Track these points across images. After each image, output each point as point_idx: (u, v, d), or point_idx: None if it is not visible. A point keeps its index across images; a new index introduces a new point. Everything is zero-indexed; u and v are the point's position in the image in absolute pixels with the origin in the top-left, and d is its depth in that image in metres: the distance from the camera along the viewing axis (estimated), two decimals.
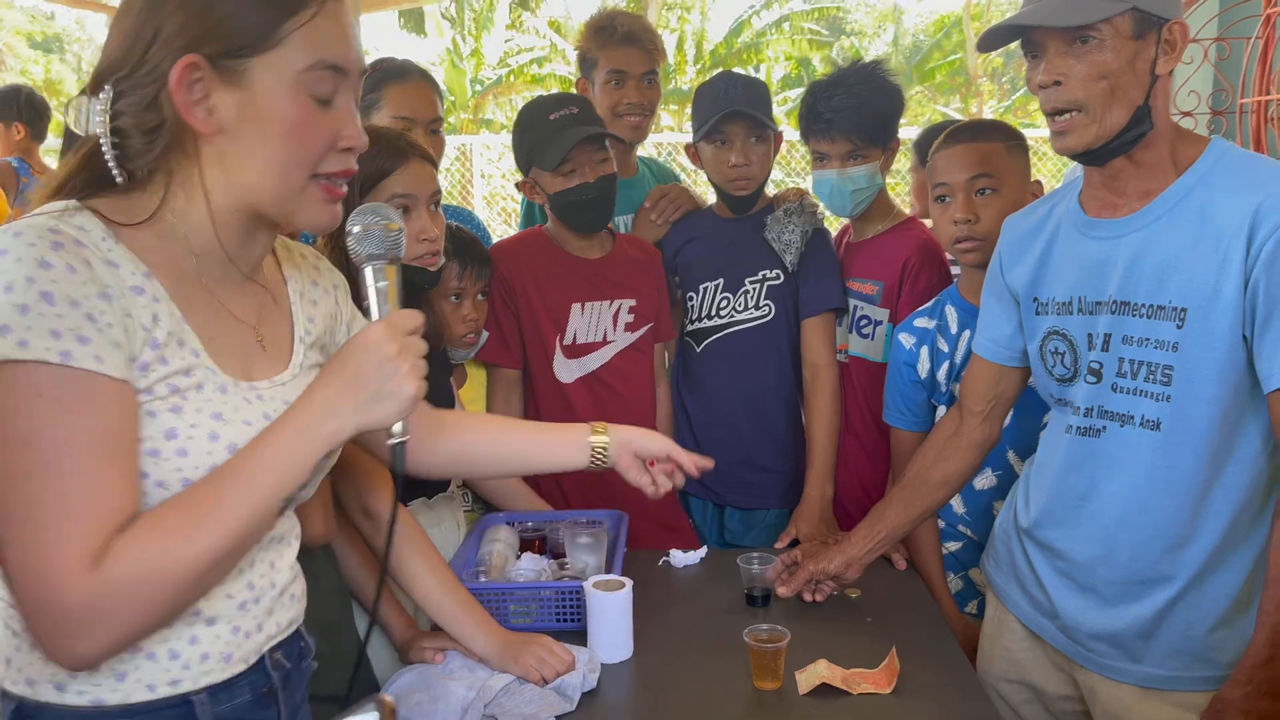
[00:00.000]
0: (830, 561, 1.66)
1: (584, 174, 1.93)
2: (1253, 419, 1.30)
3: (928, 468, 1.64)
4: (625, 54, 2.31)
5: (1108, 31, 1.25)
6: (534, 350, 2.03)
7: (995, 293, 1.57)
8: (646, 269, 2.11)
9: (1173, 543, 1.35)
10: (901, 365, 1.87)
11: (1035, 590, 1.52)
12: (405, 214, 1.59)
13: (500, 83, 14.27)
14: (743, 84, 2.07)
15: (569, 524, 1.83)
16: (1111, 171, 1.35)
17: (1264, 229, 1.22)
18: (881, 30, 18.23)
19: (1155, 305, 1.31)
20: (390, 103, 2.12)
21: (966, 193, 1.72)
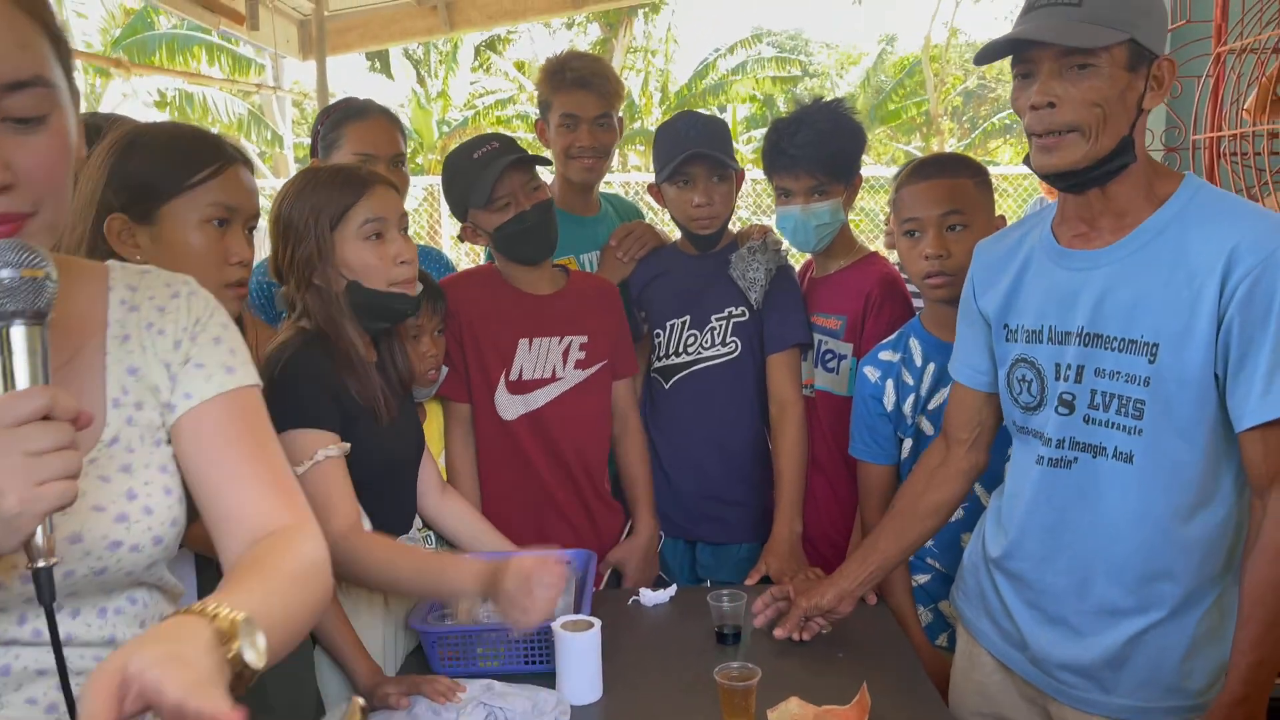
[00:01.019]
0: (823, 596, 1.64)
1: (519, 203, 1.92)
2: (1225, 457, 1.31)
3: (917, 497, 1.64)
4: (578, 97, 2.32)
5: (1105, 59, 1.26)
6: (478, 386, 2.00)
7: (969, 319, 1.58)
8: (602, 305, 2.08)
9: (1144, 575, 1.35)
10: (867, 398, 1.88)
11: (1005, 622, 1.52)
12: (379, 239, 1.58)
13: (467, 124, 14.34)
14: (703, 123, 2.09)
15: None
16: (1087, 201, 1.36)
17: (1239, 269, 1.24)
18: (844, 72, 18.54)
19: (1127, 339, 1.32)
20: (351, 140, 2.13)
21: (938, 228, 1.73)
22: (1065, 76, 1.27)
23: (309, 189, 1.59)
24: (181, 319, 0.97)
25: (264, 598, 0.83)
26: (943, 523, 1.67)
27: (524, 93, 14.88)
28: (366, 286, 1.58)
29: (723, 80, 15.58)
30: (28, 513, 0.71)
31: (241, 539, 0.94)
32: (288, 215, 1.59)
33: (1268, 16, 3.41)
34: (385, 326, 1.65)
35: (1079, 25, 1.25)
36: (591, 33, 16.12)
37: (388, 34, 6.65)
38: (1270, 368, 1.23)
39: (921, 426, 1.83)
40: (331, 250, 1.57)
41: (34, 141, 0.81)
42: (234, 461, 0.96)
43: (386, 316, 1.63)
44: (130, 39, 10.60)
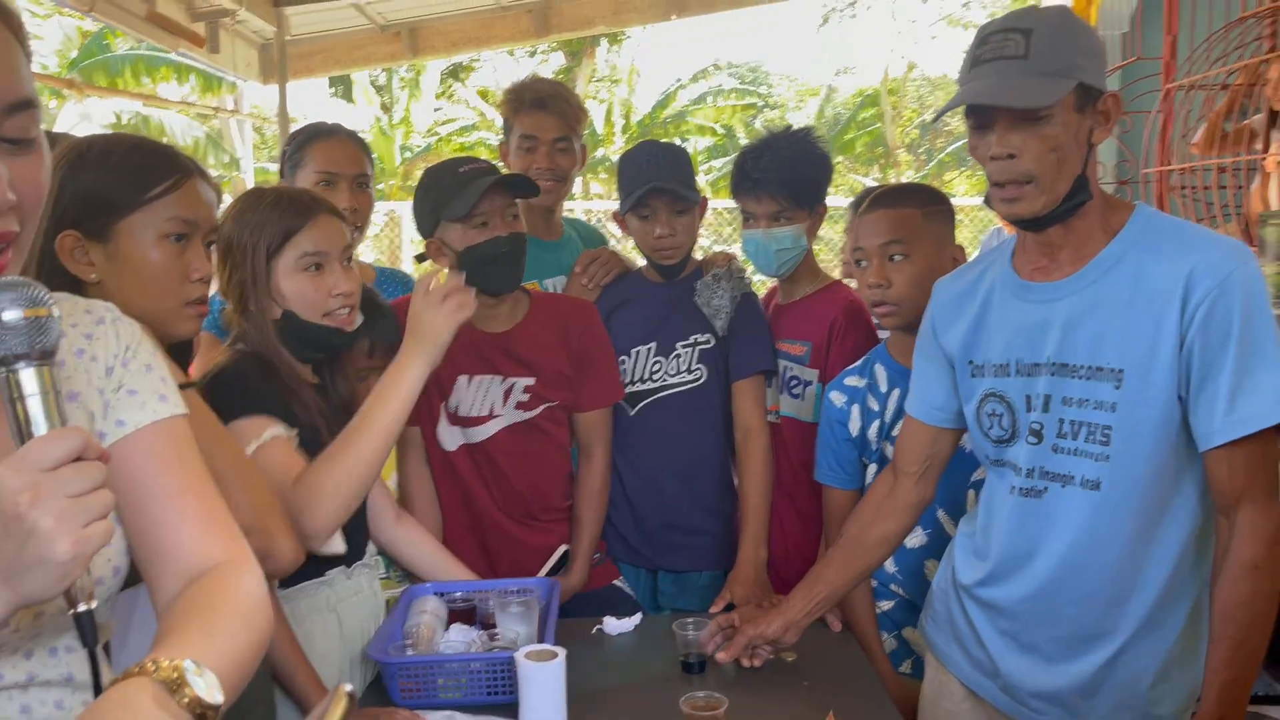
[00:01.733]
0: (769, 625, 1.63)
1: (496, 226, 1.85)
2: (1189, 477, 1.34)
3: (864, 528, 1.64)
4: (537, 119, 2.32)
5: (1057, 107, 1.29)
6: (423, 413, 1.96)
7: (928, 356, 1.59)
8: (564, 336, 2.00)
9: (1113, 599, 1.37)
10: (833, 423, 1.89)
11: (976, 649, 1.52)
12: (318, 270, 1.56)
13: (429, 150, 14.32)
14: (663, 154, 2.10)
15: (499, 593, 1.78)
16: (1047, 237, 1.39)
17: (1198, 293, 1.27)
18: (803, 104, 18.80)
19: (1094, 367, 1.34)
20: (314, 159, 2.12)
21: (880, 258, 1.75)
22: (1022, 127, 1.30)
23: (250, 212, 1.57)
24: (112, 345, 0.95)
25: (205, 641, 0.81)
26: (890, 553, 1.68)
27: (487, 122, 14.90)
28: (300, 318, 1.56)
29: (684, 110, 15.73)
30: (79, 556, 0.71)
31: (177, 577, 0.91)
32: (229, 236, 1.56)
33: (1215, 54, 3.52)
34: (320, 357, 1.62)
35: (1029, 80, 1.27)
36: (555, 61, 16.21)
37: (350, 59, 6.64)
38: (1232, 388, 1.26)
39: (886, 452, 1.84)
40: (267, 278, 1.55)
41: (25, 162, 0.80)
42: (168, 494, 0.93)
43: (320, 349, 1.61)
44: (90, 60, 10.46)
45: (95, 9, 4.40)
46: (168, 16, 4.81)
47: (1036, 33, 1.28)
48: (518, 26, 6.70)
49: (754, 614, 1.69)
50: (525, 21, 6.68)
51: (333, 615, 1.62)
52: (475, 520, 2.00)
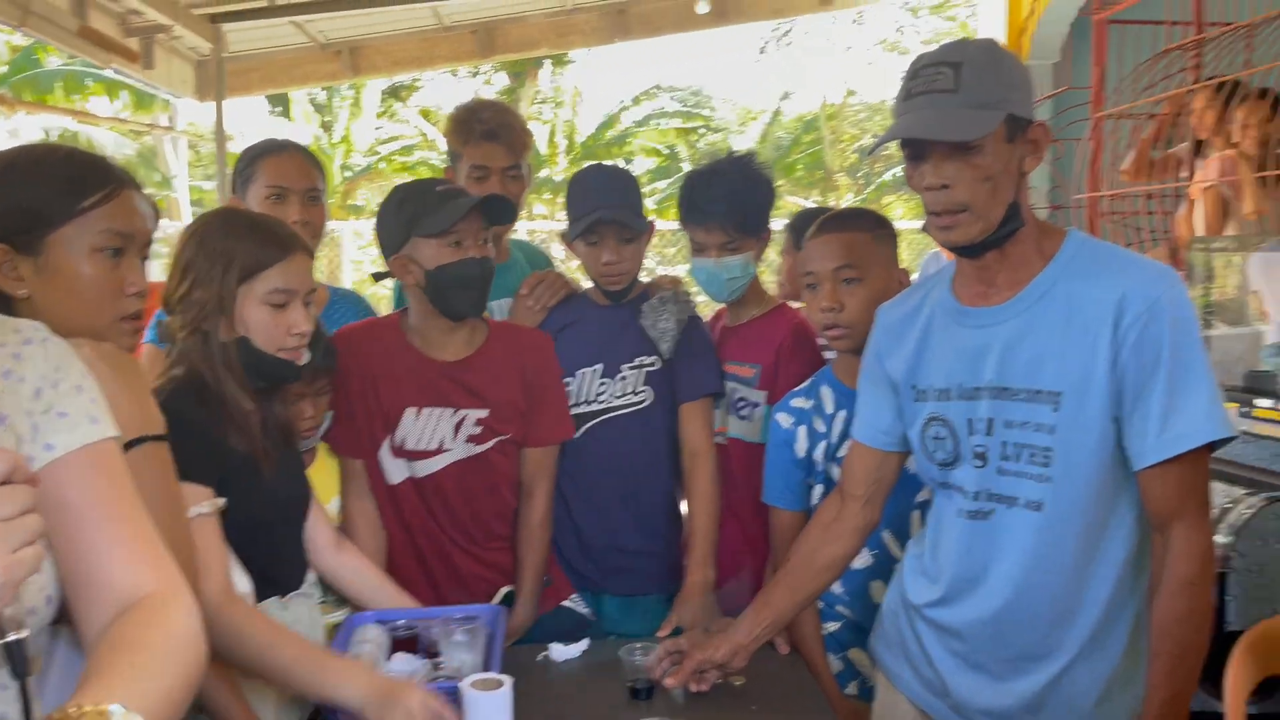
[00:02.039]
0: (717, 650, 1.63)
1: (470, 248, 1.83)
2: (1125, 496, 1.37)
3: (812, 552, 1.65)
4: (487, 150, 2.30)
5: (988, 138, 1.32)
6: (366, 446, 1.92)
7: (873, 380, 1.60)
8: (520, 368, 1.96)
9: (1058, 618, 1.39)
10: (780, 445, 1.89)
11: (926, 669, 1.53)
12: (279, 309, 1.53)
13: (370, 170, 14.19)
14: (611, 180, 2.10)
15: (443, 621, 1.74)
16: (984, 263, 1.42)
17: (1129, 316, 1.30)
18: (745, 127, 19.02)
19: (1032, 390, 1.37)
20: (264, 174, 2.09)
21: (832, 282, 1.76)
22: (954, 159, 1.33)
23: (225, 233, 1.53)
24: (40, 365, 0.92)
25: (134, 682, 0.79)
26: (837, 577, 1.69)
27: (428, 142, 14.82)
28: (255, 346, 1.53)
29: (627, 132, 15.81)
30: (9, 583, 0.69)
31: (107, 608, 0.88)
32: (194, 254, 1.52)
33: (1141, 85, 3.64)
34: (262, 386, 1.59)
35: (959, 113, 1.30)
36: (498, 82, 16.18)
37: (289, 78, 6.57)
38: (1164, 408, 1.29)
39: (831, 473, 1.85)
40: (233, 304, 1.51)
41: None
42: (98, 520, 0.90)
43: (266, 378, 1.57)
44: (19, 76, 10.19)
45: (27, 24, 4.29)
46: (101, 32, 4.72)
47: (966, 66, 1.32)
48: (461, 47, 6.69)
49: (702, 638, 1.68)
50: (469, 42, 6.67)
51: None
52: (420, 551, 1.96)
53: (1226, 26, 3.21)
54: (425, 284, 1.85)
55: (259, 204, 2.06)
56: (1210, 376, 1.31)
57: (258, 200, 2.08)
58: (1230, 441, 1.32)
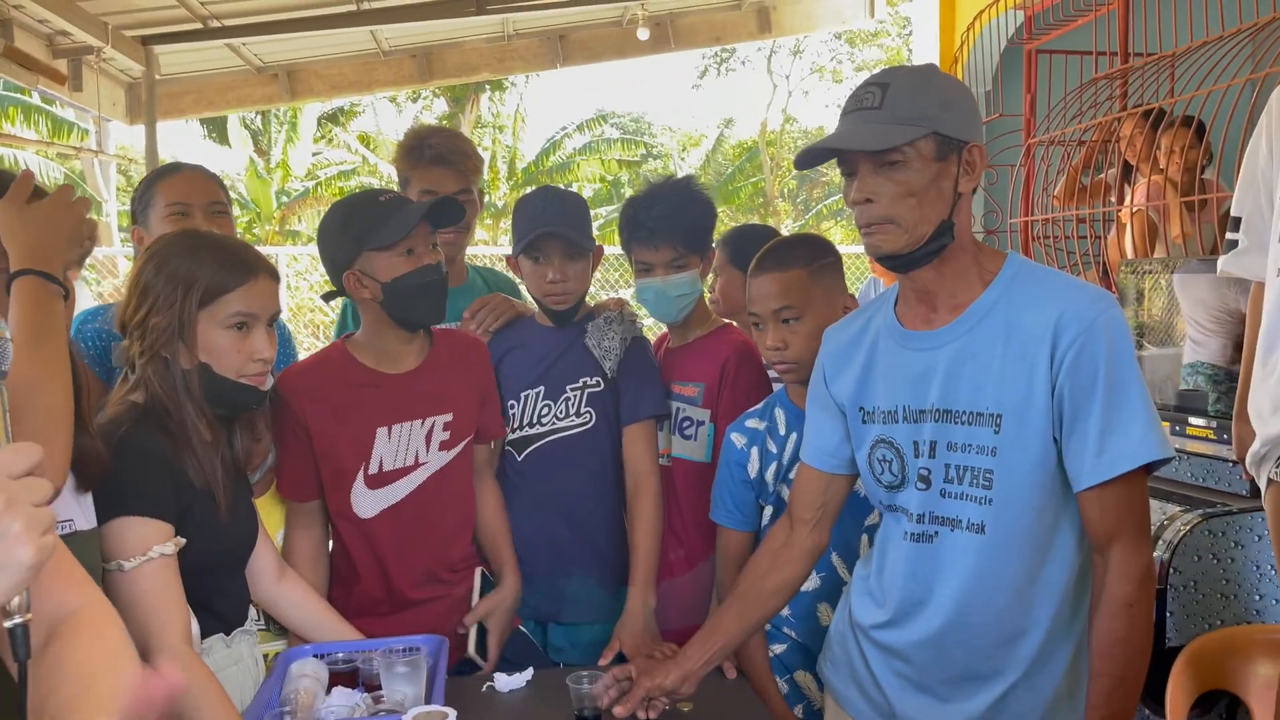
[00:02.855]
0: (666, 677, 1.60)
1: (423, 255, 1.80)
2: (1066, 517, 1.38)
3: (761, 577, 1.64)
4: (436, 174, 2.29)
5: (912, 154, 1.34)
6: (331, 483, 1.86)
7: (820, 403, 1.61)
8: (467, 368, 1.96)
9: (1002, 639, 1.39)
10: (732, 465, 1.89)
11: (873, 691, 1.53)
12: (243, 330, 1.48)
13: (308, 195, 14.01)
14: (559, 200, 2.09)
15: (383, 653, 1.69)
16: (922, 283, 1.43)
17: (1065, 339, 1.32)
18: (686, 154, 19.20)
19: (974, 412, 1.38)
20: (163, 194, 2.02)
21: (774, 322, 1.77)
22: (880, 173, 1.35)
23: (186, 256, 1.48)
24: None
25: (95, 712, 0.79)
26: (786, 601, 1.68)
27: (369, 165, 14.69)
28: (216, 372, 1.48)
29: (569, 159, 15.86)
30: (39, 564, 0.72)
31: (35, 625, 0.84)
32: (152, 277, 1.47)
33: (1071, 112, 3.74)
34: (222, 414, 1.54)
35: (879, 127, 1.34)
36: (438, 107, 16.14)
37: (224, 100, 6.46)
38: (1101, 431, 1.30)
39: (782, 494, 1.85)
40: (193, 329, 1.46)
41: None
42: None
43: (229, 406, 1.53)
44: None
45: None
46: (26, 52, 4.59)
47: (893, 87, 1.35)
48: (400, 71, 6.64)
49: (650, 665, 1.66)
50: (408, 66, 6.63)
51: None
52: (389, 589, 1.90)
53: (1150, 57, 3.31)
54: (383, 297, 1.81)
55: (160, 226, 1.97)
56: (1146, 398, 1.33)
57: (159, 222, 1.99)
58: (1168, 462, 1.34)
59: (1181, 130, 3.07)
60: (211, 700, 1.34)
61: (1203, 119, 2.99)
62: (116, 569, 1.35)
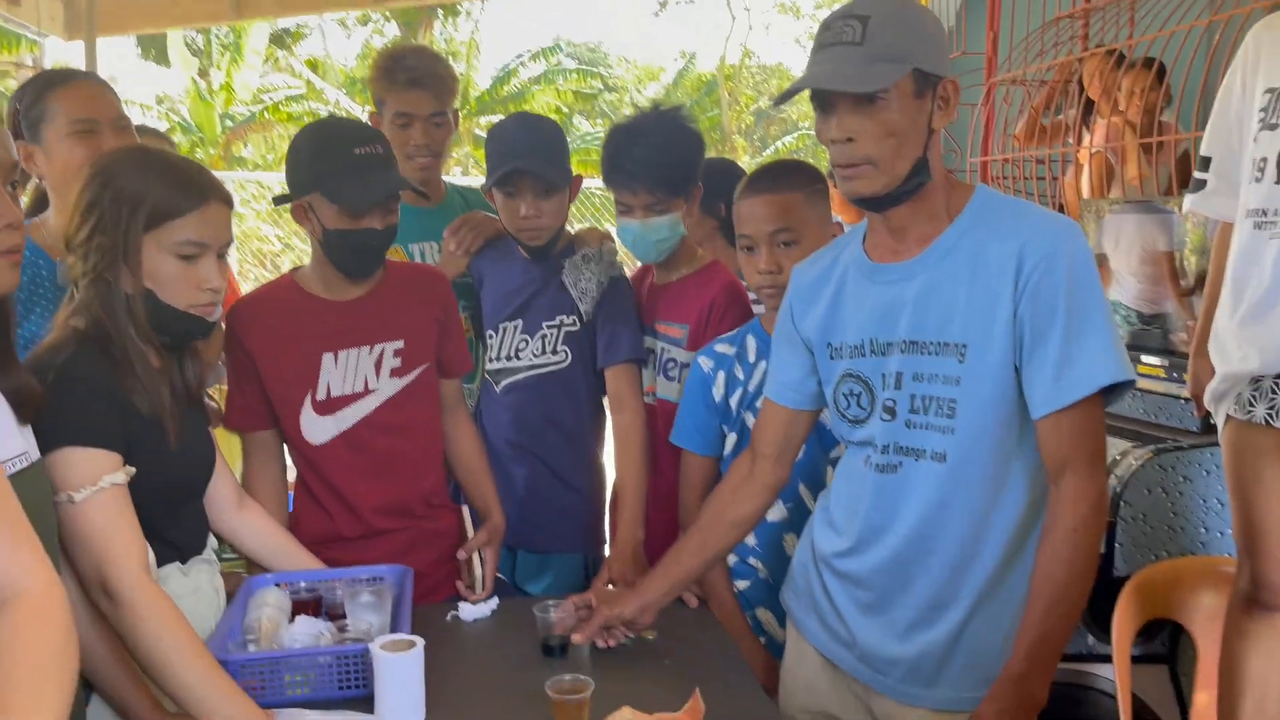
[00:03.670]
0: (626, 606, 1.62)
1: (374, 219, 1.76)
2: (1025, 445, 1.40)
3: (722, 510, 1.65)
4: (411, 97, 2.25)
5: (894, 93, 1.32)
6: (281, 411, 1.84)
7: (786, 340, 1.61)
8: (422, 299, 1.91)
9: (959, 566, 1.42)
10: (697, 386, 1.89)
11: (834, 620, 1.55)
12: (193, 260, 1.43)
13: (254, 120, 13.59)
14: (534, 130, 2.02)
15: (347, 582, 1.69)
16: (894, 219, 1.43)
17: (1027, 266, 1.33)
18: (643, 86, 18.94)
19: (941, 342, 1.39)
20: (63, 109, 1.83)
21: (769, 245, 1.75)
22: (860, 111, 1.33)
23: (136, 173, 1.41)
24: None
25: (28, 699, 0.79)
26: (746, 534, 1.70)
27: (315, 91, 14.25)
28: (162, 300, 1.43)
29: (524, 88, 15.55)
30: None
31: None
32: (98, 194, 1.40)
33: (1033, 52, 3.73)
34: (168, 342, 1.49)
35: (862, 65, 1.31)
36: (389, 32, 15.68)
37: (168, 17, 6.19)
38: (1060, 358, 1.32)
39: (746, 421, 1.85)
40: (138, 253, 1.40)
41: None
42: None
43: (174, 335, 1.48)
44: None
45: None
46: None
47: (873, 20, 1.32)
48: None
49: (610, 594, 1.68)
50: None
51: None
52: (349, 524, 1.87)
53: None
54: (322, 240, 1.78)
55: (63, 144, 1.81)
56: (1109, 323, 1.34)
57: (60, 140, 1.82)
58: (1130, 386, 1.36)
59: (1142, 72, 3.08)
60: (172, 628, 1.32)
61: (1163, 61, 3.01)
62: (67, 500, 1.31)
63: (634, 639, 1.68)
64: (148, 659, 1.29)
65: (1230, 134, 1.82)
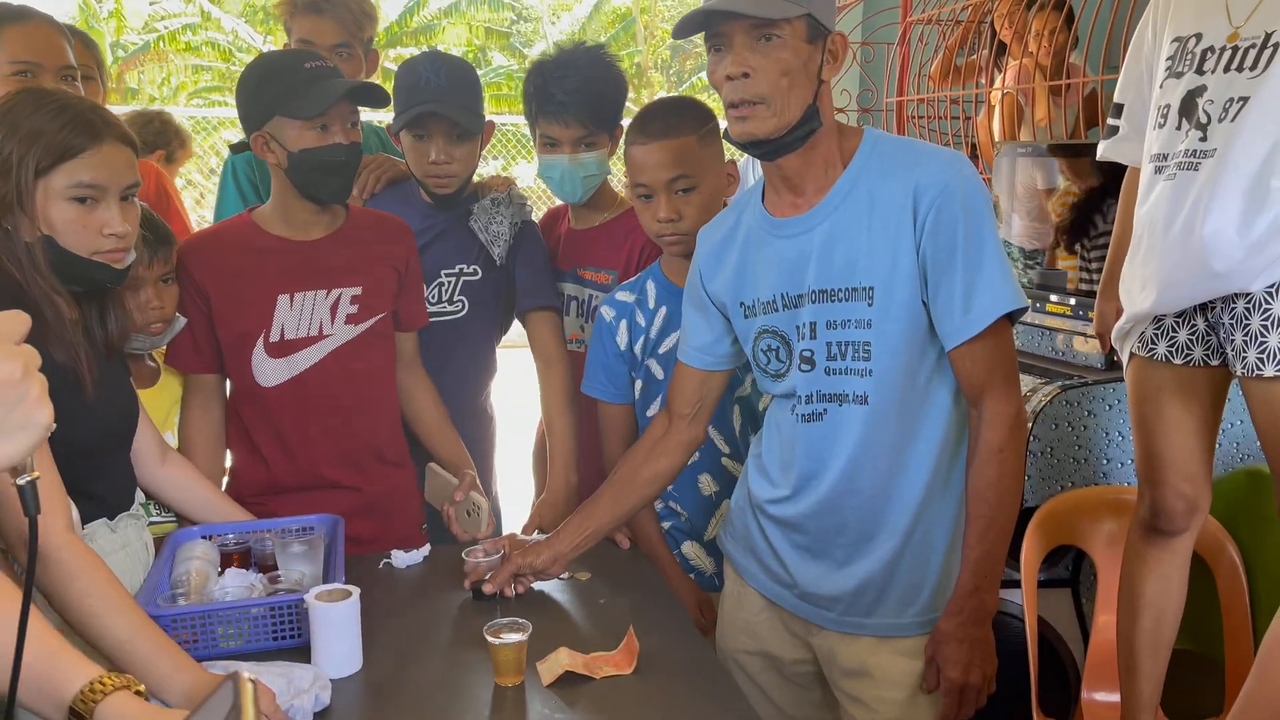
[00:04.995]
0: (538, 557, 1.64)
1: (336, 133, 1.71)
2: (941, 374, 1.45)
3: (637, 467, 1.68)
4: (313, 24, 2.17)
5: (789, 32, 1.34)
6: (231, 353, 1.80)
7: (697, 303, 1.63)
8: (384, 245, 1.88)
9: (888, 497, 1.47)
10: (604, 337, 1.90)
11: (773, 563, 1.60)
12: (89, 204, 1.37)
13: (148, 49, 12.92)
14: (447, 71, 1.94)
15: (278, 533, 1.68)
16: (788, 170, 1.45)
17: (924, 204, 1.37)
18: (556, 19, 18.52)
19: (849, 288, 1.42)
20: (5, 46, 1.80)
21: (667, 193, 1.73)
22: (756, 48, 1.35)
23: (25, 115, 1.34)
24: None
25: None
26: (660, 490, 1.74)
27: (213, 20, 13.60)
28: (62, 247, 1.37)
29: (434, 21, 15.08)
30: (51, 425, 0.78)
31: None
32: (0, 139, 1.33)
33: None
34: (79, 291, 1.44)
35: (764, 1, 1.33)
36: None
37: None
38: (965, 289, 1.37)
39: (652, 369, 1.87)
40: (32, 199, 1.34)
41: None
42: None
43: (82, 283, 1.42)
44: None
45: None
46: None
47: None
48: None
49: (523, 544, 1.68)
50: None
51: None
52: (293, 471, 1.84)
53: None
54: (287, 165, 1.73)
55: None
56: (1000, 252, 1.40)
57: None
58: (1024, 311, 1.43)
59: (1052, 14, 3.14)
60: (100, 585, 1.29)
61: (1072, 3, 3.07)
62: None
63: (569, 578, 1.71)
64: (78, 617, 1.26)
65: (1141, 81, 1.87)
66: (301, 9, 2.17)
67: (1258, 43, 1.61)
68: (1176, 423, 1.79)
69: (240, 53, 13.37)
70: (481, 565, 1.65)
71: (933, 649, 1.46)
